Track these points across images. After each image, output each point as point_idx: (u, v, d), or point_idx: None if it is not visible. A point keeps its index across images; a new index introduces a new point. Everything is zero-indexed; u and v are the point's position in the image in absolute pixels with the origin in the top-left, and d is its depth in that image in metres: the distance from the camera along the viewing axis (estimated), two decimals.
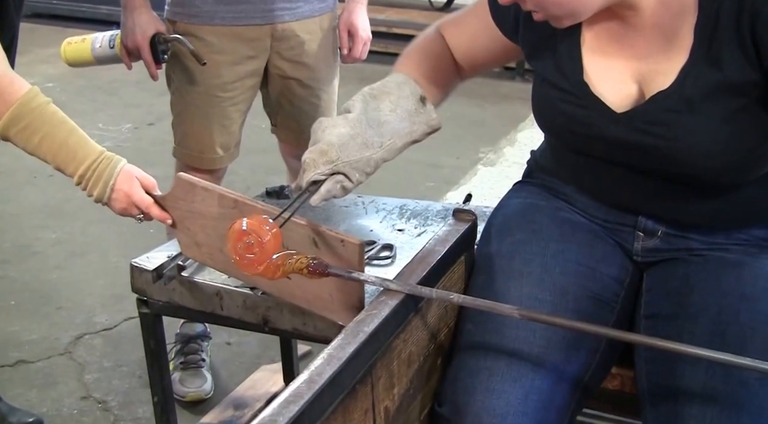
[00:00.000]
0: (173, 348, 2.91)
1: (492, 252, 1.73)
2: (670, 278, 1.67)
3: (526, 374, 1.53)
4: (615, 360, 1.68)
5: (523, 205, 1.81)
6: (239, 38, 2.69)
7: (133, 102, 5.63)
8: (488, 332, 1.58)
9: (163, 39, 2.63)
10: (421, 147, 1.78)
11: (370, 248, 1.95)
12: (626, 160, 1.61)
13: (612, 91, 1.58)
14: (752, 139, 1.50)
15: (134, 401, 2.89)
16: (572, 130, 1.65)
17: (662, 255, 1.70)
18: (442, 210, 2.18)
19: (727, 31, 1.44)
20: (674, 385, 1.50)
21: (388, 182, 4.48)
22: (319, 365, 1.24)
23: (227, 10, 2.66)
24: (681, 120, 1.50)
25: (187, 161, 2.82)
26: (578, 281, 1.66)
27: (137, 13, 2.61)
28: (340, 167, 1.59)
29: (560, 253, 1.68)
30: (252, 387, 2.89)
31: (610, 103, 1.58)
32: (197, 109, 2.75)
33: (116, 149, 1.93)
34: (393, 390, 1.45)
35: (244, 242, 1.45)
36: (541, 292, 1.62)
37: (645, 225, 1.70)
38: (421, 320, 1.53)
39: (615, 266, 1.71)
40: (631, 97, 1.57)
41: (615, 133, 1.58)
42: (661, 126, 1.52)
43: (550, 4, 1.49)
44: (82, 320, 3.36)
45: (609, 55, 1.59)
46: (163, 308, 1.97)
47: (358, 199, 2.23)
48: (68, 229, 4.17)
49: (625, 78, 1.58)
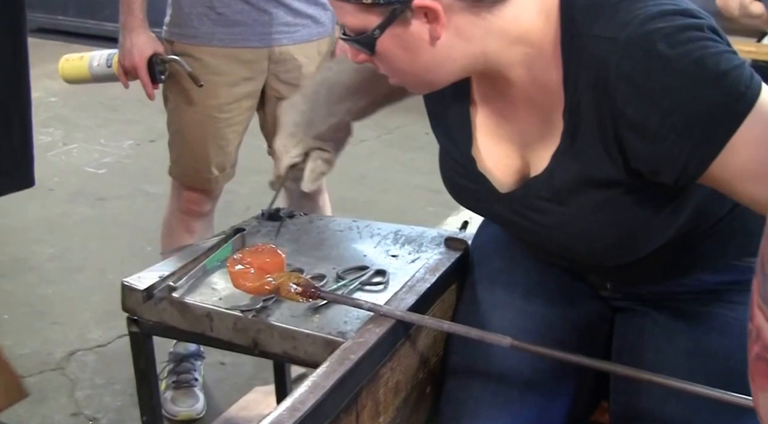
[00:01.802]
0: (166, 367, 2.91)
1: (473, 280, 1.72)
2: (627, 332, 1.66)
3: (513, 403, 1.53)
4: (604, 391, 1.67)
5: (497, 232, 1.78)
6: (236, 60, 2.70)
7: (135, 119, 5.64)
8: (475, 362, 1.57)
9: (160, 60, 2.65)
10: (423, 172, 1.79)
11: (363, 273, 1.95)
12: (525, 237, 1.58)
13: (497, 168, 1.51)
14: (632, 221, 1.41)
15: (125, 419, 2.88)
16: (469, 203, 1.61)
17: (622, 303, 1.69)
18: (437, 237, 2.17)
19: (589, 126, 1.33)
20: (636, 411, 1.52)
21: (389, 206, 4.49)
22: (303, 392, 1.24)
23: (225, 32, 2.67)
24: (552, 208, 1.44)
25: (182, 180, 2.83)
26: (561, 311, 1.65)
27: (135, 33, 2.63)
28: (311, 144, 1.58)
29: (541, 282, 1.68)
30: (245, 408, 2.88)
31: (495, 181, 1.51)
32: (193, 129, 2.76)
33: (117, 165, 1.93)
34: (379, 419, 1.44)
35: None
36: (524, 322, 1.61)
37: (592, 280, 1.69)
38: (409, 348, 1.52)
39: (594, 298, 1.71)
40: (514, 176, 1.50)
41: (500, 212, 1.53)
42: (536, 212, 1.46)
43: (399, 72, 1.41)
44: (75, 336, 3.35)
45: (496, 130, 1.51)
46: (153, 328, 1.96)
47: (353, 224, 2.22)
48: (66, 244, 4.17)
49: (511, 155, 1.50)
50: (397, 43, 1.33)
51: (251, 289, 1.54)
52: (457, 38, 1.32)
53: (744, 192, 1.27)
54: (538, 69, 1.35)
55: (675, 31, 1.23)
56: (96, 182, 4.89)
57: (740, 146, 1.22)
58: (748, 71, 1.23)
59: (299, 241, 2.07)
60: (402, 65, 1.38)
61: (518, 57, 1.35)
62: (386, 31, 1.32)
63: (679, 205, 1.41)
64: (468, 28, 1.31)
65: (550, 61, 1.34)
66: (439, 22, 1.29)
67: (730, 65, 1.22)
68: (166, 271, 1.93)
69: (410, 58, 1.35)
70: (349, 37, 1.37)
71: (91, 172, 5.04)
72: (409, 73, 1.40)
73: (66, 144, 5.43)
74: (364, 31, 1.33)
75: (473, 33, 1.32)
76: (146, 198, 4.57)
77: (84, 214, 4.50)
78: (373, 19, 1.31)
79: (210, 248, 1.96)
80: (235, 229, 2.08)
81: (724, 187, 1.29)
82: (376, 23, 1.31)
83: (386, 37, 1.33)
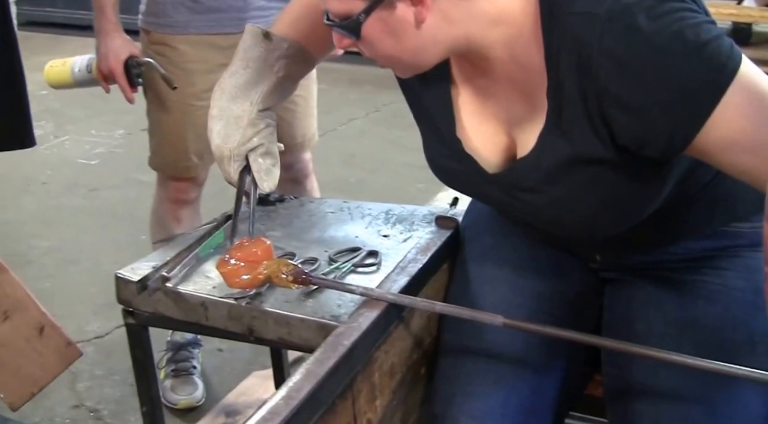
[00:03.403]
0: (164, 356, 2.91)
1: (464, 258, 1.72)
2: (616, 303, 1.66)
3: (507, 378, 1.54)
4: (596, 365, 1.67)
5: (486, 209, 1.79)
6: (213, 47, 2.69)
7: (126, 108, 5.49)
8: (467, 339, 1.58)
9: (136, 62, 2.64)
10: (411, 149, 1.78)
11: (356, 255, 1.95)
12: (515, 215, 1.58)
13: (485, 148, 1.51)
14: (622, 195, 1.42)
15: (126, 409, 2.89)
16: (456, 184, 1.61)
17: (611, 274, 1.69)
18: (428, 214, 2.17)
19: (573, 105, 1.33)
20: (630, 388, 1.51)
21: (379, 185, 4.49)
22: (298, 380, 1.24)
23: (200, 19, 2.66)
24: (542, 188, 1.44)
25: (162, 170, 2.84)
26: (551, 283, 1.66)
27: (110, 38, 2.61)
28: (237, 152, 1.59)
29: (532, 256, 1.68)
30: (243, 394, 2.89)
31: (482, 161, 1.51)
32: (171, 118, 2.76)
33: (110, 155, 1.93)
34: (375, 402, 1.45)
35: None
36: (515, 297, 1.62)
37: (578, 252, 1.68)
38: (403, 331, 1.53)
39: (584, 270, 1.71)
40: (502, 155, 1.50)
41: (489, 193, 1.53)
42: (526, 192, 1.46)
43: (384, 57, 1.40)
44: (74, 329, 3.34)
45: (480, 109, 1.51)
46: (148, 318, 1.96)
47: (343, 205, 2.22)
48: (61, 237, 4.17)
49: (498, 133, 1.50)
50: (382, 27, 1.33)
51: (246, 284, 1.54)
52: (441, 21, 1.31)
53: (731, 162, 1.27)
54: (520, 49, 1.35)
55: (655, 3, 1.23)
56: (89, 173, 4.89)
57: (724, 117, 1.22)
58: (727, 42, 1.24)
59: (290, 225, 2.07)
60: (388, 49, 1.37)
61: (500, 37, 1.35)
62: (371, 15, 1.31)
63: (667, 173, 1.41)
64: (452, 10, 1.31)
65: (532, 41, 1.33)
66: (424, 5, 1.29)
67: (710, 36, 1.22)
68: (159, 261, 1.93)
69: (396, 41, 1.34)
70: (334, 22, 1.36)
71: (83, 164, 5.04)
72: (395, 56, 1.39)
73: (57, 137, 5.42)
74: (348, 15, 1.32)
75: (457, 15, 1.32)
76: (139, 187, 4.56)
77: (78, 206, 4.50)
78: (357, 4, 1.30)
79: (202, 236, 1.97)
80: (227, 215, 2.08)
81: (711, 158, 1.29)
82: (361, 8, 1.30)
83: (371, 22, 1.32)
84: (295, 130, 2.89)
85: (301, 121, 2.88)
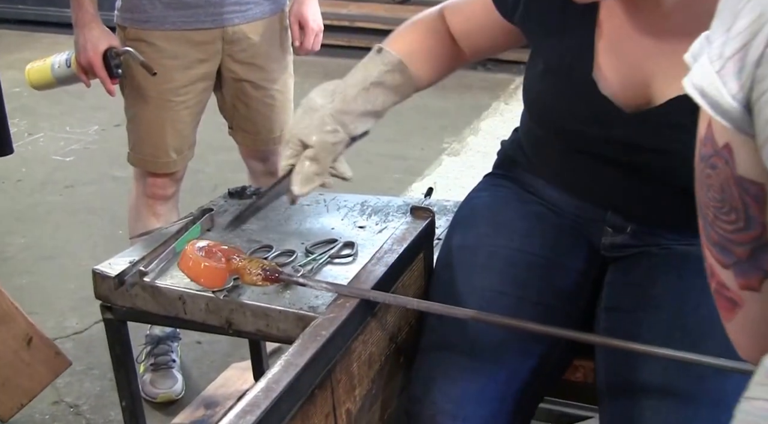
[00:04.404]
0: (143, 350, 2.92)
1: (456, 245, 1.73)
2: (632, 271, 1.66)
3: (485, 364, 1.55)
4: (576, 351, 1.69)
5: (490, 198, 1.81)
6: (190, 42, 2.70)
7: (99, 104, 5.58)
8: (449, 325, 1.59)
9: (115, 53, 2.62)
10: (386, 140, 1.79)
11: (332, 246, 1.96)
12: (615, 157, 1.57)
13: (620, 90, 1.52)
14: None
15: (106, 404, 2.89)
16: (568, 126, 1.61)
17: (629, 250, 1.69)
18: (403, 205, 2.18)
19: None
20: (631, 380, 1.50)
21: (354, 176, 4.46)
22: (277, 372, 1.25)
23: (177, 14, 2.66)
24: (693, 126, 1.41)
25: (141, 166, 2.83)
26: (543, 274, 1.66)
27: (88, 29, 2.60)
28: (294, 139, 1.60)
29: (525, 246, 1.69)
30: (223, 385, 2.90)
31: (620, 102, 1.53)
32: (150, 114, 2.76)
33: (84, 151, 1.93)
34: (354, 392, 1.46)
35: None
36: (504, 286, 1.63)
37: (614, 221, 1.68)
38: (380, 321, 1.54)
39: (580, 259, 1.72)
40: (640, 99, 1.51)
41: (616, 133, 1.53)
42: (672, 130, 1.46)
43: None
44: (52, 325, 3.34)
45: (624, 52, 1.52)
46: (126, 313, 1.96)
47: (319, 197, 2.23)
48: (37, 233, 4.15)
49: (637, 78, 1.51)
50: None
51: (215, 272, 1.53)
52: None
53: None
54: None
55: None
56: (64, 170, 4.86)
57: None
58: None
59: (267, 217, 2.08)
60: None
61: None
62: None
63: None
64: None
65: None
66: None
67: None
68: (137, 256, 1.93)
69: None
70: None
71: (58, 161, 5.00)
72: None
73: (32, 134, 5.38)
74: None
75: None
76: (115, 183, 4.55)
77: (54, 202, 4.48)
78: None
79: (178, 230, 1.97)
80: (203, 209, 2.09)
81: None
82: None
83: None
84: (273, 123, 2.90)
85: (279, 114, 2.89)
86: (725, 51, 0.77)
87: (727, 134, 0.81)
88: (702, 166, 0.86)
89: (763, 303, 0.86)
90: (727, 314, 0.92)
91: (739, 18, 0.76)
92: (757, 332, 0.88)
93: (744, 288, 0.87)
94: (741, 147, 0.80)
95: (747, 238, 0.84)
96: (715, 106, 0.79)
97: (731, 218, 0.84)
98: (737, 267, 0.86)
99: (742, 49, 0.75)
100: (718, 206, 0.85)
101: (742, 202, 0.82)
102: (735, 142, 0.80)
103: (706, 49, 0.80)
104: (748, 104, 0.76)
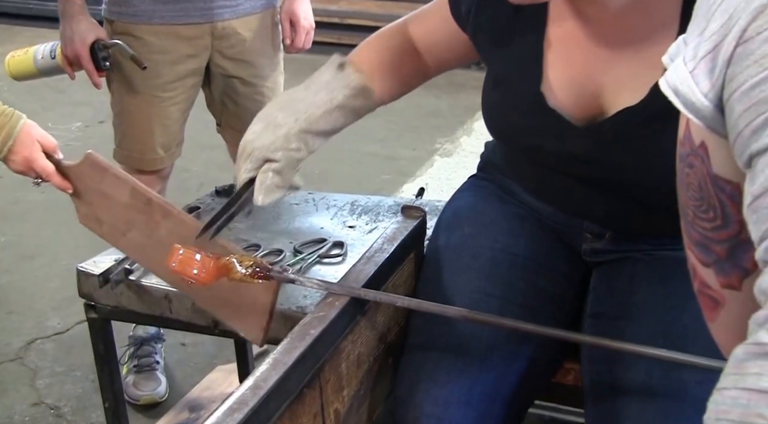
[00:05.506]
0: (126, 351, 2.88)
1: (441, 246, 1.71)
2: (615, 277, 1.65)
3: (472, 366, 1.52)
4: (565, 354, 1.67)
5: (473, 199, 1.79)
6: (179, 37, 2.66)
7: (83, 100, 5.55)
8: (436, 326, 1.57)
9: (102, 45, 2.58)
10: (377, 140, 1.77)
11: (321, 246, 1.93)
12: (576, 172, 1.55)
13: (570, 103, 1.50)
14: None
15: (87, 405, 2.86)
16: (522, 140, 1.59)
17: (611, 256, 1.67)
18: (393, 205, 2.16)
19: None
20: (614, 384, 1.49)
21: (344, 176, 4.46)
22: (265, 370, 1.22)
23: (166, 8, 2.62)
24: (648, 136, 1.41)
25: (127, 163, 2.78)
26: (526, 275, 1.64)
27: (75, 20, 2.56)
28: (257, 155, 1.56)
29: (509, 247, 1.67)
30: (208, 388, 2.87)
31: (569, 115, 1.49)
32: (137, 110, 2.72)
33: (66, 148, 1.89)
34: (342, 392, 1.43)
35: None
36: (489, 286, 1.61)
37: (592, 228, 1.66)
38: (369, 321, 1.51)
39: (563, 262, 1.70)
40: (591, 110, 1.48)
41: (570, 148, 1.51)
42: (627, 142, 1.44)
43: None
44: (33, 325, 3.31)
45: (573, 61, 1.49)
46: (111, 312, 1.94)
47: (309, 196, 2.20)
48: (18, 232, 4.11)
49: (587, 89, 1.48)
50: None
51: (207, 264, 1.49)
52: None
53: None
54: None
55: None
56: None
57: None
58: None
59: (255, 216, 2.05)
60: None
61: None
62: None
63: None
64: None
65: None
66: None
67: None
68: (121, 255, 1.90)
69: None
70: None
71: None
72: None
73: None
74: None
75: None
76: None
77: (34, 200, 4.43)
78: None
79: None
80: (190, 207, 2.06)
81: None
82: None
83: None
84: None
85: None
86: (699, 52, 0.79)
87: (702, 133, 0.83)
88: (681, 165, 0.88)
89: (744, 302, 0.87)
90: (711, 314, 0.94)
91: (712, 21, 0.78)
92: (740, 331, 0.89)
93: (725, 287, 0.89)
94: (715, 146, 0.82)
95: (725, 236, 0.85)
96: (689, 105, 0.80)
97: (710, 216, 0.86)
98: (717, 265, 0.88)
99: (714, 50, 0.77)
100: (697, 205, 0.87)
101: (719, 201, 0.84)
102: (709, 141, 0.82)
103: (682, 51, 0.82)
104: (720, 103, 0.78)
